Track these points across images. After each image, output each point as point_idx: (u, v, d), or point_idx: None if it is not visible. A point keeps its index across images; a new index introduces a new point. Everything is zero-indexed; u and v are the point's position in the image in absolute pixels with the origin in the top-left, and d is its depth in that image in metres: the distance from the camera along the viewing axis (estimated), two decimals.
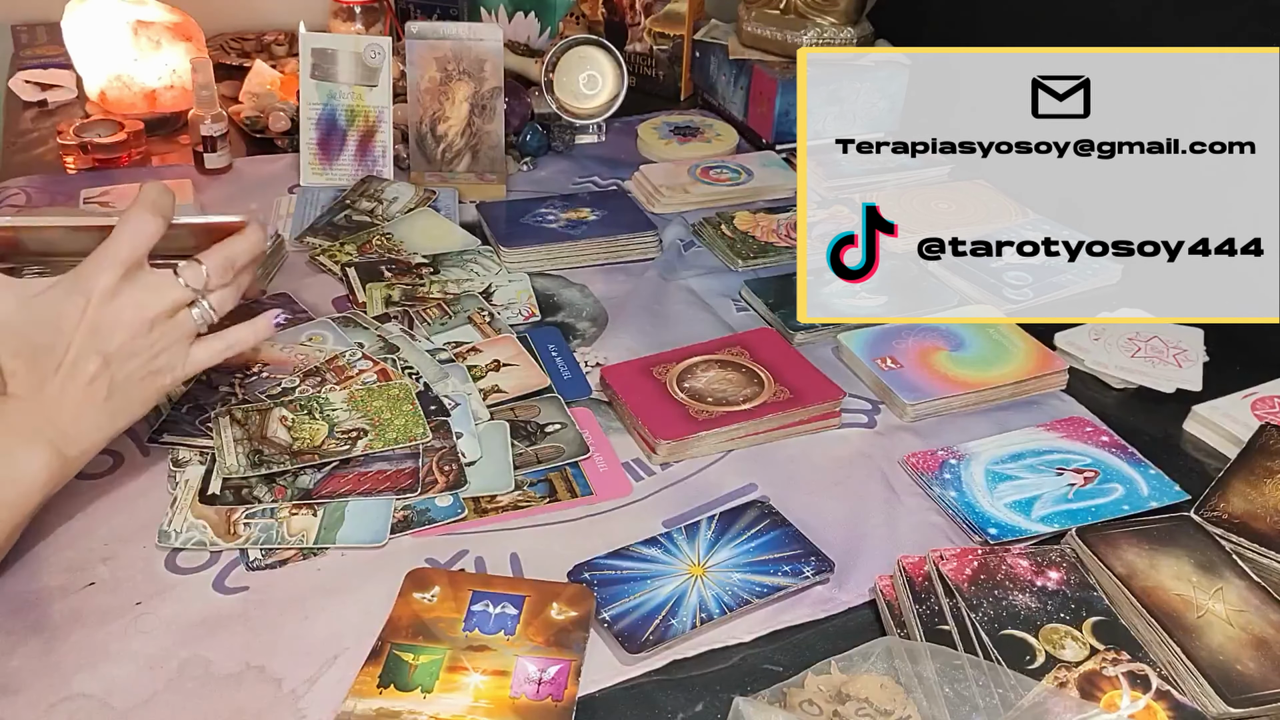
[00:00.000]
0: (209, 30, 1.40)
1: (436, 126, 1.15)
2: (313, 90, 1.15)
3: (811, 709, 0.57)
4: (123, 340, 0.63)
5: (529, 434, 0.80)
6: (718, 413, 0.81)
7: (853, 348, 0.91)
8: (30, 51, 1.43)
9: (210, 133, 1.16)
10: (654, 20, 1.44)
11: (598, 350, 0.92)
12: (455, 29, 1.13)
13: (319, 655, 0.62)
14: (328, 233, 1.06)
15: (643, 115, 1.36)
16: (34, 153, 1.21)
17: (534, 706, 0.58)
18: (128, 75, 1.25)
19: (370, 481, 0.73)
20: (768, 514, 0.73)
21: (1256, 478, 0.76)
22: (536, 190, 1.19)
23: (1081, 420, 0.84)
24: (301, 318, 0.92)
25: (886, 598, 0.66)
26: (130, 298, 0.63)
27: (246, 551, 0.68)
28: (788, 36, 1.30)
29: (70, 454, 0.64)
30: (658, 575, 0.67)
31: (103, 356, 0.63)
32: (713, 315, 0.98)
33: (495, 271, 1.01)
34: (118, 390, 0.64)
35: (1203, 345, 0.92)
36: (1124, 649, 0.61)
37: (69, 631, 0.62)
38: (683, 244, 1.10)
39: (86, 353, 0.63)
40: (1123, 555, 0.67)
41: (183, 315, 0.66)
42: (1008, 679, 0.58)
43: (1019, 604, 0.64)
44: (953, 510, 0.75)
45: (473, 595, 0.64)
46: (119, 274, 0.63)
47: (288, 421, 0.77)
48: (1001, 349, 0.91)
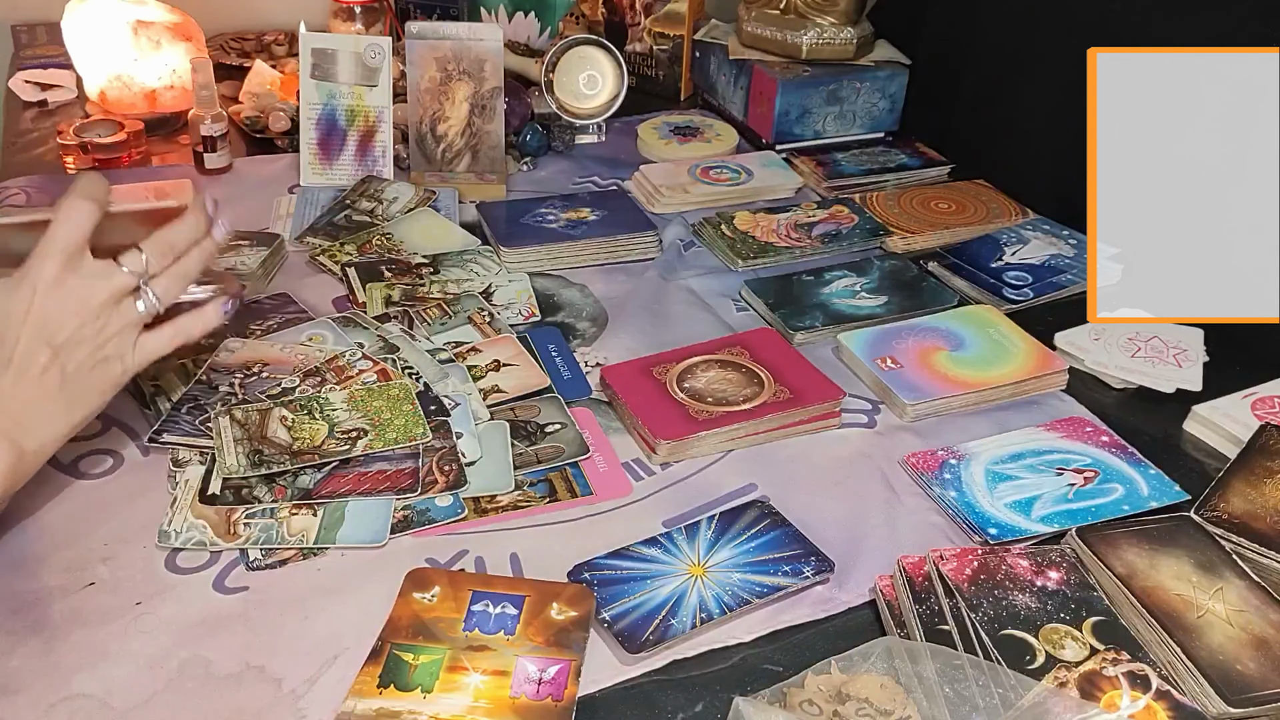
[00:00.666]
0: (209, 30, 1.40)
1: (436, 126, 1.15)
2: (313, 90, 1.15)
3: (811, 709, 0.57)
4: (70, 329, 0.65)
5: (529, 434, 0.80)
6: (718, 413, 0.81)
7: (853, 348, 0.91)
8: (30, 51, 1.43)
9: (210, 133, 1.16)
10: (654, 20, 1.44)
11: (598, 350, 0.92)
12: (455, 29, 1.13)
13: (319, 655, 0.62)
14: (328, 233, 1.06)
15: (643, 115, 1.36)
16: (34, 153, 1.21)
17: (534, 706, 0.58)
18: (128, 75, 1.25)
19: (370, 481, 0.73)
20: (768, 514, 0.73)
21: (1256, 478, 0.76)
22: (536, 190, 1.19)
23: (1081, 420, 0.84)
24: (301, 318, 0.92)
25: (886, 598, 0.66)
26: (74, 286, 0.64)
27: (246, 551, 0.68)
28: (788, 36, 1.30)
29: (29, 447, 0.65)
30: (658, 575, 0.67)
31: (52, 348, 0.64)
32: (713, 315, 0.98)
33: (495, 271, 1.01)
34: (70, 381, 0.65)
35: (1203, 345, 0.92)
36: (1124, 649, 0.61)
37: (69, 631, 0.62)
38: (683, 244, 1.10)
39: (35, 344, 0.64)
40: (1123, 555, 0.67)
41: (127, 303, 0.67)
42: (1008, 679, 0.58)
43: (1019, 604, 0.64)
44: (953, 510, 0.75)
45: (473, 595, 0.64)
46: (61, 262, 0.64)
47: (288, 421, 0.77)
48: (1001, 349, 0.91)
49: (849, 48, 1.30)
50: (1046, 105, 1.18)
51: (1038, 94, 1.20)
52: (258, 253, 0.99)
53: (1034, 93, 1.20)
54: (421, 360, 0.86)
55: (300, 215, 1.10)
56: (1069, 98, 1.15)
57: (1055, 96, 1.17)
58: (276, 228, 1.07)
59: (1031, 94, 1.20)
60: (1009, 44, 1.24)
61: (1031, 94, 1.20)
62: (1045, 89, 1.18)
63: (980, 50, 1.30)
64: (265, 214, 1.10)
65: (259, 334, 0.89)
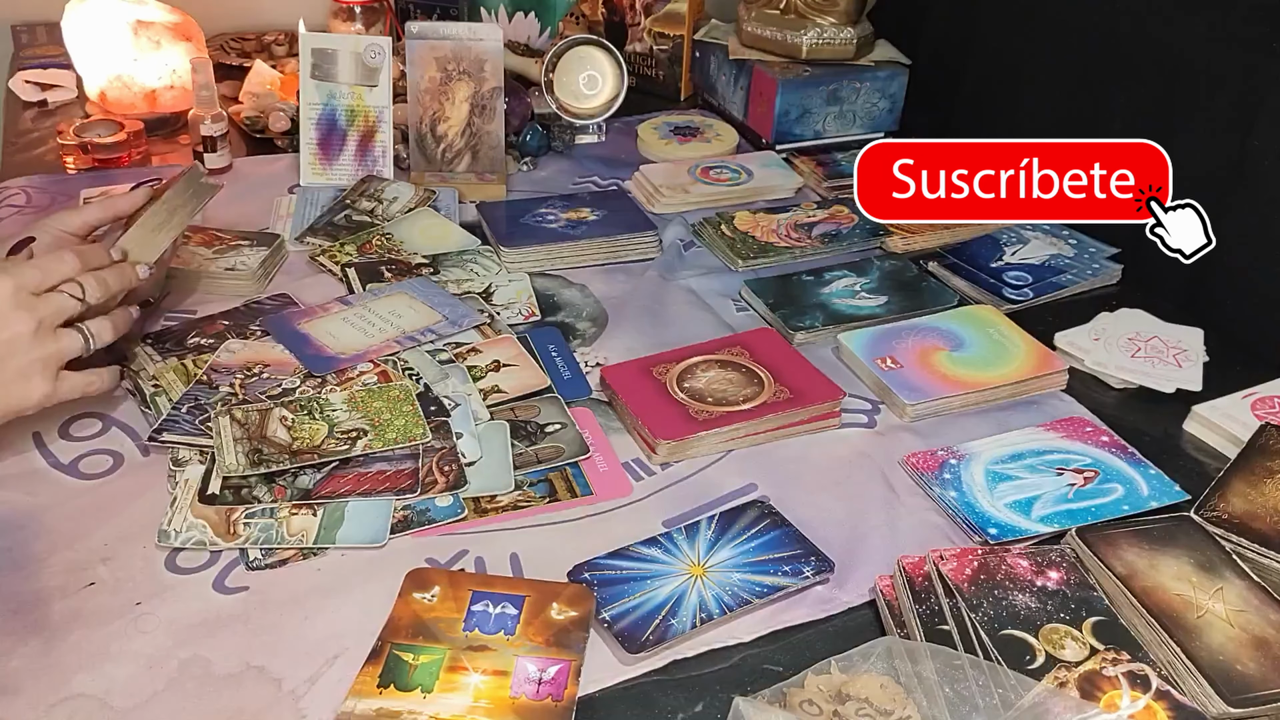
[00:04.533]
0: (209, 30, 1.40)
1: (436, 126, 1.15)
2: (313, 90, 1.15)
3: (811, 709, 0.57)
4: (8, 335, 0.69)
5: (529, 434, 0.80)
6: (718, 413, 0.81)
7: (853, 348, 0.91)
8: (30, 51, 1.43)
9: (210, 133, 1.16)
10: (654, 20, 1.44)
11: (598, 350, 0.92)
12: (455, 29, 1.13)
13: (319, 655, 0.62)
14: (328, 233, 1.06)
15: (643, 115, 1.36)
16: (34, 153, 1.21)
17: (534, 706, 0.58)
18: (128, 75, 1.25)
19: (370, 482, 0.73)
20: (768, 514, 0.73)
21: (1256, 478, 0.76)
22: (536, 190, 1.19)
23: (1081, 420, 0.84)
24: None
25: (886, 598, 0.66)
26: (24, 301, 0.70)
27: (246, 551, 0.68)
28: (788, 36, 1.30)
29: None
30: (658, 575, 0.67)
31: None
32: (713, 315, 0.98)
33: (495, 271, 1.01)
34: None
35: (1203, 345, 0.92)
36: (1124, 649, 0.61)
37: (69, 631, 0.62)
38: (683, 244, 1.10)
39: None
40: (1123, 555, 0.67)
41: (69, 333, 0.72)
42: (1008, 679, 0.58)
43: (1019, 604, 0.64)
44: (953, 510, 0.75)
45: (473, 595, 0.64)
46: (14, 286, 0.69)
47: (287, 421, 0.77)
48: (1001, 349, 0.91)
49: (849, 48, 1.30)
50: (1046, 105, 1.18)
51: (1038, 94, 1.20)
52: (258, 253, 0.99)
53: (1034, 93, 1.20)
54: (421, 361, 0.86)
55: (300, 215, 1.10)
56: (1069, 98, 1.15)
57: (1055, 96, 1.17)
58: (276, 228, 1.07)
59: (1031, 94, 1.20)
60: (1009, 44, 1.24)
61: (1031, 94, 1.20)
62: (1045, 89, 1.18)
63: (980, 50, 1.30)
64: (265, 214, 1.10)
65: (259, 334, 0.89)
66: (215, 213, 1.04)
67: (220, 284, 0.96)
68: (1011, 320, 0.95)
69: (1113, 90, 1.09)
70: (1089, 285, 1.04)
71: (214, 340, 0.87)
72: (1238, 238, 0.92)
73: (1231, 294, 0.97)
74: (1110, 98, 1.09)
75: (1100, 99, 1.11)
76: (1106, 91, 1.10)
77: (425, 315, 0.91)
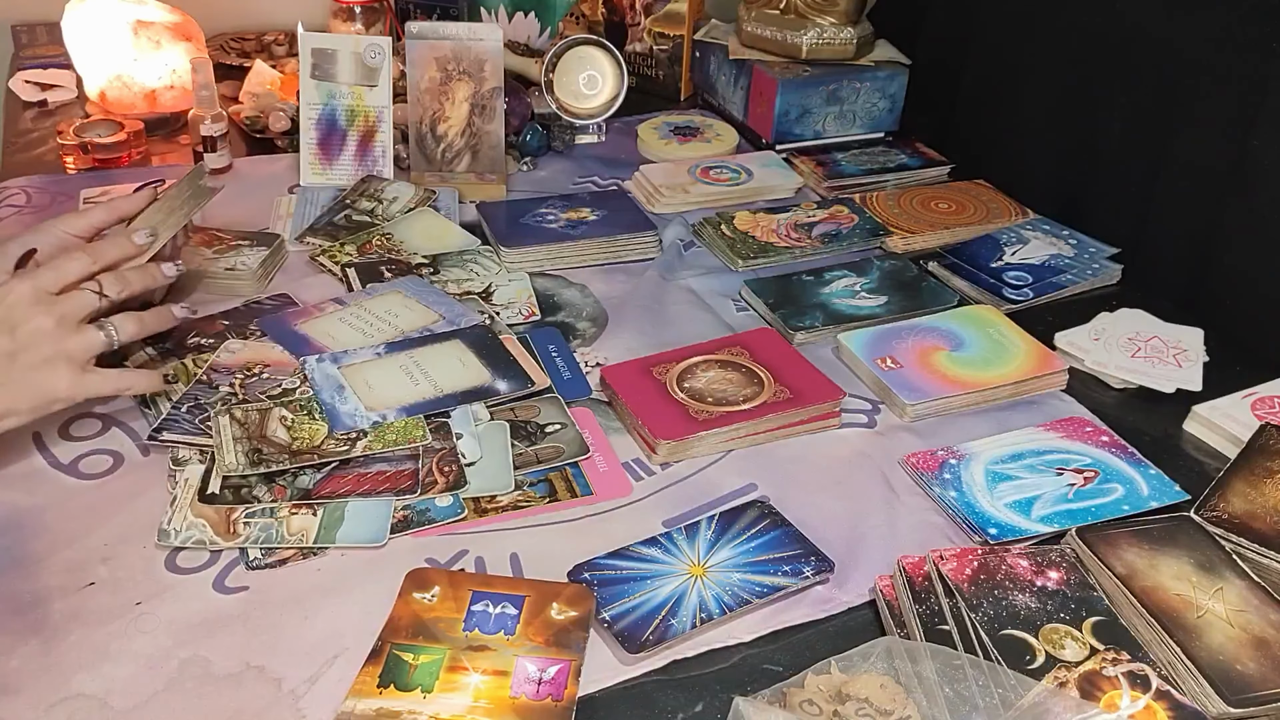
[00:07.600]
0: (209, 30, 1.40)
1: (436, 126, 1.15)
2: (313, 90, 1.15)
3: (811, 709, 0.57)
4: (32, 326, 0.70)
5: (529, 434, 0.79)
6: (718, 413, 0.81)
7: (853, 348, 0.91)
8: (30, 51, 1.43)
9: (210, 133, 1.16)
10: (654, 20, 1.44)
11: (598, 350, 0.92)
12: (455, 29, 1.13)
13: (319, 655, 0.62)
14: (328, 233, 1.06)
15: (643, 115, 1.36)
16: (34, 153, 1.21)
17: (534, 706, 0.58)
18: (128, 75, 1.25)
19: (370, 482, 0.73)
20: (768, 514, 0.73)
21: (1256, 478, 0.76)
22: (536, 190, 1.19)
23: (1081, 420, 0.84)
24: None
25: (886, 598, 0.66)
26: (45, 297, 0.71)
27: (246, 551, 0.68)
28: (788, 36, 1.30)
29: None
30: (658, 575, 0.67)
31: (11, 336, 0.69)
32: (713, 315, 0.98)
33: (495, 271, 1.01)
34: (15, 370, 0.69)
35: (1203, 345, 0.92)
36: (1124, 649, 0.61)
37: (69, 631, 0.62)
38: (683, 244, 1.10)
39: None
40: (1123, 555, 0.67)
41: (91, 328, 0.73)
42: (1008, 679, 0.58)
43: (1019, 604, 0.64)
44: (953, 510, 0.75)
45: (473, 595, 0.64)
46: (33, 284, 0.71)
47: (287, 421, 0.77)
48: (1001, 349, 0.91)
49: (849, 48, 1.30)
50: (1046, 105, 1.18)
51: (1037, 94, 1.20)
52: (258, 253, 0.99)
53: (1034, 92, 1.20)
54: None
55: (300, 215, 1.10)
56: (1069, 98, 1.15)
57: (1055, 96, 1.17)
58: (276, 228, 1.07)
59: (1031, 94, 1.20)
60: (1009, 44, 1.24)
61: (1031, 94, 1.20)
62: (1045, 89, 1.18)
63: (980, 50, 1.30)
64: (265, 214, 1.10)
65: (259, 334, 0.89)
66: (215, 213, 1.04)
67: (220, 284, 0.96)
68: (1011, 320, 0.95)
69: (1113, 90, 1.09)
70: (1089, 285, 1.04)
71: (214, 340, 0.87)
72: (1238, 238, 0.92)
73: (1231, 294, 0.97)
74: (1110, 98, 1.09)
75: (1100, 99, 1.11)
76: (1106, 91, 1.10)
77: (422, 315, 0.91)
